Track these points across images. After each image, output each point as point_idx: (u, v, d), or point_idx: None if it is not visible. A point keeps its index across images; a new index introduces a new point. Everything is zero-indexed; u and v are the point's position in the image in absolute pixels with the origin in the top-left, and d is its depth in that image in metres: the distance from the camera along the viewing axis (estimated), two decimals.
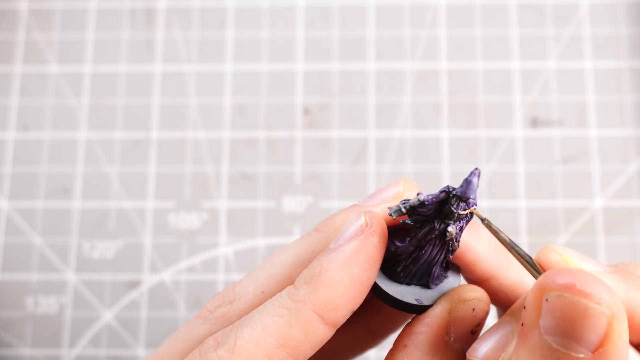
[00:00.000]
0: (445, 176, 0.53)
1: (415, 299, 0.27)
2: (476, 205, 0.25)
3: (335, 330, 0.26)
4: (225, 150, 0.54)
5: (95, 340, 0.51)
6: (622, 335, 0.20)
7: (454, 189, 0.25)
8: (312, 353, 0.25)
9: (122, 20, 0.57)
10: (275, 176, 0.53)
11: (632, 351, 0.22)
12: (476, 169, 0.25)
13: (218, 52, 0.56)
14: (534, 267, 0.24)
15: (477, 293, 0.27)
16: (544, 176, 0.52)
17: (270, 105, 0.55)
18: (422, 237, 0.26)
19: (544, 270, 0.23)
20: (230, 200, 0.53)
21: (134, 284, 0.52)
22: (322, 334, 0.25)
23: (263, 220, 0.53)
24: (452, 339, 0.26)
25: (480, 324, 0.27)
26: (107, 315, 0.51)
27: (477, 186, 0.25)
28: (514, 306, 0.25)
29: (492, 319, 0.50)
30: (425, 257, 0.27)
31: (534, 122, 0.54)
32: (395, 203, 0.27)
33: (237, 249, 0.52)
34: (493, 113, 0.54)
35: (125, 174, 0.54)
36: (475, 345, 0.24)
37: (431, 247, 0.27)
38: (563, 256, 0.23)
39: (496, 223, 0.30)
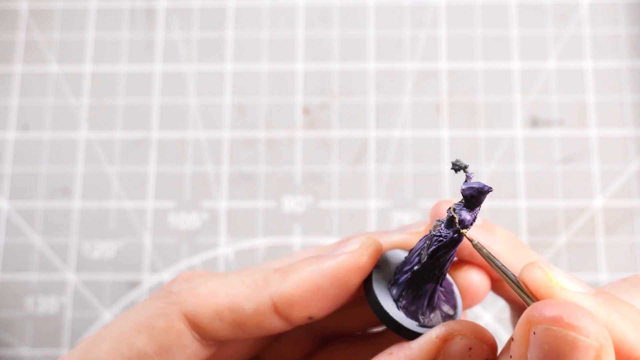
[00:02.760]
0: (445, 176, 0.53)
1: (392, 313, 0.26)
2: (459, 226, 0.24)
3: (288, 327, 0.27)
4: (225, 150, 0.54)
5: None
6: None
7: (457, 210, 0.24)
8: (258, 335, 0.27)
9: (122, 20, 0.57)
10: (275, 176, 0.53)
11: None
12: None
13: (218, 52, 0.56)
14: (525, 294, 0.23)
15: (478, 331, 0.24)
16: (544, 176, 0.52)
17: (270, 105, 0.55)
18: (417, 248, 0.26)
19: (535, 297, 0.23)
20: (230, 200, 0.53)
21: (134, 284, 0.52)
22: (272, 321, 0.26)
23: (263, 220, 0.53)
24: None
25: None
26: (107, 315, 0.51)
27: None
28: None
29: (506, 322, 0.50)
30: (409, 266, 0.26)
31: (534, 122, 0.54)
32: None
33: (237, 249, 0.52)
34: (493, 113, 0.54)
35: (125, 174, 0.54)
36: None
37: (417, 257, 0.26)
38: (547, 274, 0.22)
39: (496, 223, 0.30)
